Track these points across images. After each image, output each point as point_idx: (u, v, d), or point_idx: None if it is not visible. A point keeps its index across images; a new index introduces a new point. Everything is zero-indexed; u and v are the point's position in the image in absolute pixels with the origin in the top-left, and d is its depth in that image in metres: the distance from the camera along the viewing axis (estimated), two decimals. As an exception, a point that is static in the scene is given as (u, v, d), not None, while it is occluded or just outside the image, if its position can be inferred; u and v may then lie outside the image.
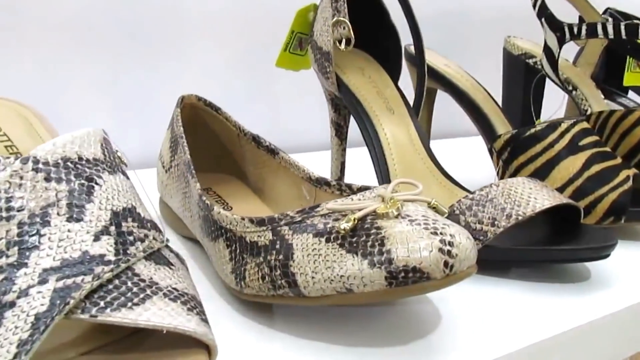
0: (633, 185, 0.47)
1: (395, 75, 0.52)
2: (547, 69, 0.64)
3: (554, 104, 0.74)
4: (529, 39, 0.71)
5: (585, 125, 0.51)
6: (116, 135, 0.36)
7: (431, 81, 0.59)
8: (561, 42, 0.61)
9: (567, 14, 0.64)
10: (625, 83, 0.76)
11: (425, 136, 0.50)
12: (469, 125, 0.62)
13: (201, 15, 0.72)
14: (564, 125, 0.50)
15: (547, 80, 0.66)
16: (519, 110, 0.70)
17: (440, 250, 0.27)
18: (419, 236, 0.27)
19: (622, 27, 0.58)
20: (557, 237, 0.40)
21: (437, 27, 0.94)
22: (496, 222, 0.38)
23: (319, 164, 0.52)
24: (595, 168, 0.48)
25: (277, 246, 0.30)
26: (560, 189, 0.48)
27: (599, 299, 0.37)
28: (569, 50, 0.69)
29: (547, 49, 0.63)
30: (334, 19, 0.45)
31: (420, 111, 0.52)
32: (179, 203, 0.42)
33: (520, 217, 0.38)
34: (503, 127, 0.56)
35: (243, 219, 0.33)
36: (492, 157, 0.54)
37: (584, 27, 0.59)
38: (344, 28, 0.45)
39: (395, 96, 0.50)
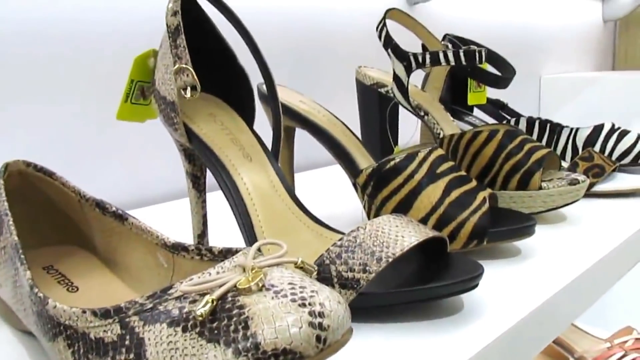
0: (490, 206, 0.49)
1: (250, 119, 0.49)
2: (399, 96, 0.65)
3: (410, 128, 0.76)
4: (379, 67, 0.72)
5: (440, 152, 0.53)
6: None
7: (287, 119, 0.57)
8: (408, 70, 0.62)
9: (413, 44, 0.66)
10: (470, 102, 0.81)
11: (287, 180, 0.48)
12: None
13: (28, 63, 0.65)
14: (421, 155, 0.51)
15: (401, 107, 0.68)
16: (377, 139, 0.71)
17: (311, 324, 0.24)
18: (286, 311, 0.24)
19: (462, 54, 0.61)
20: (429, 273, 0.40)
21: (288, 62, 0.93)
22: (367, 268, 0.37)
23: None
24: (455, 193, 0.49)
25: (127, 342, 0.26)
26: (425, 218, 0.49)
27: (475, 330, 0.37)
28: (418, 75, 0.72)
29: (396, 78, 0.64)
30: (176, 67, 0.42)
31: (279, 153, 0.50)
32: (9, 293, 0.36)
33: (390, 259, 0.37)
34: (364, 160, 0.56)
35: (84, 311, 0.28)
36: (357, 192, 0.54)
37: (427, 56, 0.61)
38: (187, 75, 0.42)
39: (252, 142, 0.47)
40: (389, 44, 0.63)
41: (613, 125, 0.86)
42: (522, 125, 0.92)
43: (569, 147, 0.87)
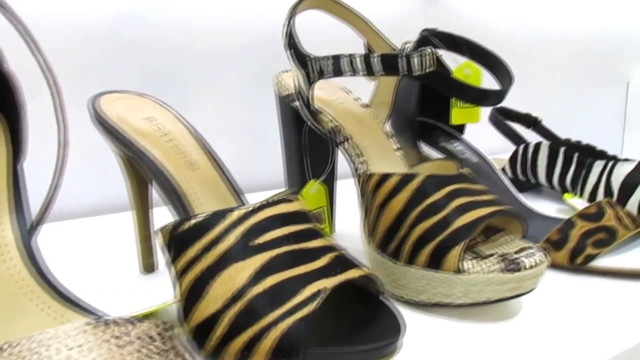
0: (319, 306, 0.31)
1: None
2: (304, 114, 0.48)
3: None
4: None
5: (277, 210, 0.35)
6: None
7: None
8: (309, 81, 0.45)
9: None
10: (454, 121, 0.60)
11: (27, 238, 0.33)
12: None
13: None
14: (237, 213, 0.34)
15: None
16: (297, 168, 0.54)
17: None
18: None
19: (376, 60, 0.42)
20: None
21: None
22: None
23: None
24: (271, 280, 0.32)
25: None
26: (216, 316, 0.32)
27: None
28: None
29: (299, 90, 0.47)
30: None
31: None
32: None
33: None
34: (219, 204, 0.40)
35: None
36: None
37: (329, 63, 0.43)
38: None
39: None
40: (291, 45, 0.46)
41: (671, 161, 0.61)
42: (543, 152, 0.69)
43: (601, 188, 0.63)
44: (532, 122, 0.78)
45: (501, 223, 0.45)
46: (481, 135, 0.80)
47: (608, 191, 0.62)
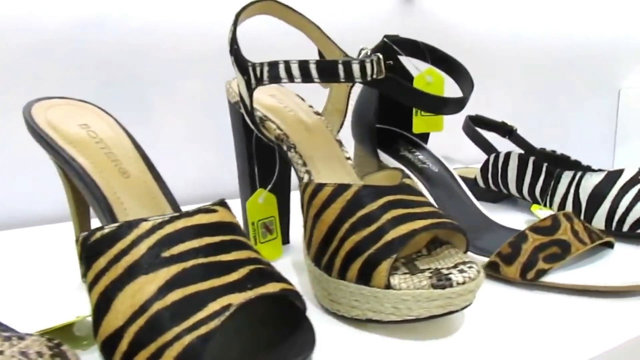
0: (226, 324, 0.30)
1: None
2: (248, 121, 0.47)
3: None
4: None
5: (194, 221, 0.34)
6: None
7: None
8: (249, 87, 0.44)
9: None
10: (416, 130, 0.59)
11: None
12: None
13: None
14: (149, 224, 0.33)
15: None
16: (247, 176, 0.53)
17: None
18: None
19: (312, 67, 0.41)
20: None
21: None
22: None
23: None
24: (176, 294, 0.31)
25: None
26: (119, 332, 0.30)
27: None
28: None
29: (241, 97, 0.46)
30: None
31: None
32: None
33: None
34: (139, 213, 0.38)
35: None
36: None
37: (266, 70, 0.42)
38: None
39: None
40: (232, 51, 0.45)
41: (641, 172, 0.59)
42: (513, 162, 0.68)
43: (570, 200, 0.61)
44: (507, 131, 0.76)
45: (446, 236, 0.43)
46: (465, 143, 0.79)
47: (577, 203, 0.60)
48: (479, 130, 0.77)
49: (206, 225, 0.34)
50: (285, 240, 0.55)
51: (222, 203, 0.37)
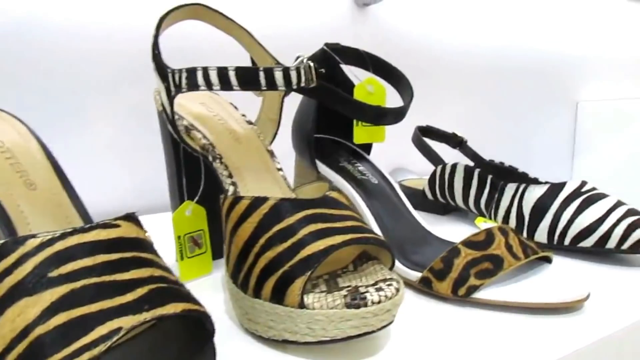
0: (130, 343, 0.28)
1: None
2: (172, 130, 0.45)
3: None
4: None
5: (89, 237, 0.31)
6: None
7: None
8: (169, 95, 0.42)
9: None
10: (356, 140, 0.57)
11: None
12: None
13: None
14: (37, 240, 0.30)
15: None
16: (177, 187, 0.51)
17: None
18: None
19: (232, 74, 0.39)
20: None
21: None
22: None
23: None
24: (60, 318, 0.28)
25: None
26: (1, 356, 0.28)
27: None
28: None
29: (162, 105, 0.44)
30: None
31: None
32: None
33: None
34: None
35: None
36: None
37: (183, 76, 0.40)
38: None
39: None
40: (153, 57, 0.43)
41: (582, 184, 0.59)
42: (459, 174, 0.67)
43: (513, 212, 0.60)
44: (458, 142, 0.75)
45: (375, 251, 0.41)
46: (420, 154, 0.77)
47: (520, 215, 0.59)
48: (430, 141, 0.76)
49: (103, 242, 0.32)
50: (218, 254, 0.53)
51: (128, 217, 0.35)
